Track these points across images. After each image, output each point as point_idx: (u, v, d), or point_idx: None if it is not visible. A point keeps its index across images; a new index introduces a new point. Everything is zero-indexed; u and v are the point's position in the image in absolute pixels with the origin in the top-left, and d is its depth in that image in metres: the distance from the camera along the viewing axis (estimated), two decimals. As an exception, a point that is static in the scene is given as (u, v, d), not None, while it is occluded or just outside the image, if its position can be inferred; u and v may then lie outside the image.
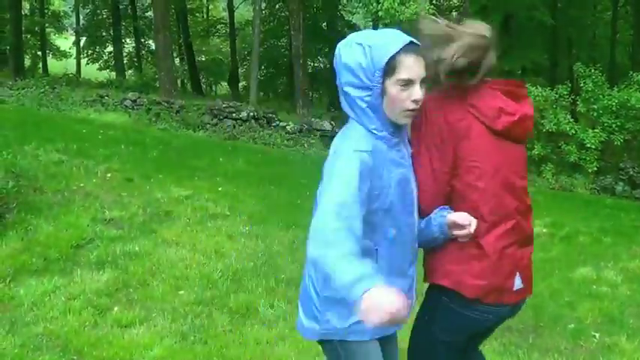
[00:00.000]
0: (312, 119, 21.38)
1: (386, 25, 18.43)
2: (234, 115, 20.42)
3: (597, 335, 6.46)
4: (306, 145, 19.24)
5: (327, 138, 19.87)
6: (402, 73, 2.81)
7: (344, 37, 3.03)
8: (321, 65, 35.70)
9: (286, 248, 8.08)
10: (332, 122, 21.05)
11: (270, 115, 21.13)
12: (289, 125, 20.68)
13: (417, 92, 2.85)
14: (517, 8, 26.80)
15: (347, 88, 2.89)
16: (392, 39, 2.83)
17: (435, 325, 3.23)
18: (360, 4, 20.60)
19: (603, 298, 7.60)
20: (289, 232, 8.75)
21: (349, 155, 2.76)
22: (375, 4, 17.03)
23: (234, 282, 6.83)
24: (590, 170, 16.73)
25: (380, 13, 16.87)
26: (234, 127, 20.05)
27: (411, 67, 2.83)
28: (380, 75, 2.80)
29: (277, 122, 20.82)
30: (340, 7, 35.79)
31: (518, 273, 3.23)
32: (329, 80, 33.71)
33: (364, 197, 2.70)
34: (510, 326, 6.49)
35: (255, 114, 20.67)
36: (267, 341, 5.49)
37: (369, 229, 2.76)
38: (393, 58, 2.79)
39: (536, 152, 17.01)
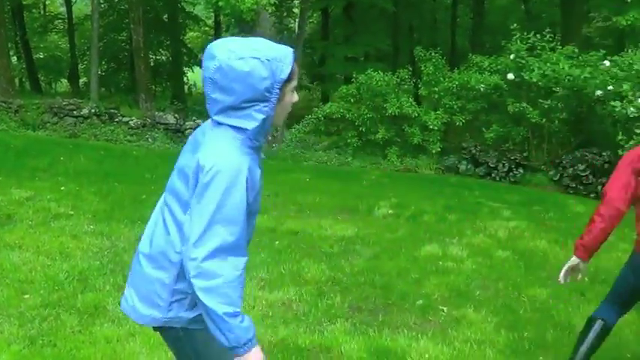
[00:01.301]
0: (156, 113, 20.99)
1: (226, 16, 18.40)
2: (74, 112, 19.93)
3: (445, 309, 6.67)
4: (150, 139, 18.91)
5: (172, 132, 19.76)
6: (294, 81, 3.09)
7: (185, 29, 3.07)
8: (163, 58, 35.26)
9: (132, 244, 7.88)
10: (176, 115, 20.78)
11: (113, 110, 20.68)
12: (132, 120, 20.21)
13: (296, 96, 3.19)
14: (358, -5, 27.16)
15: (245, 104, 2.99)
16: (283, 51, 3.04)
17: None
18: (201, -5, 20.44)
19: (449, 273, 7.87)
20: (135, 228, 8.67)
21: (234, 181, 2.93)
22: (215, -5, 16.90)
23: (81, 282, 6.71)
24: (433, 151, 17.08)
25: (220, 4, 16.72)
26: (76, 124, 19.59)
27: (297, 73, 3.12)
28: (280, 86, 2.99)
29: (120, 117, 20.34)
30: (181, -2, 35.48)
31: None
32: (171, 74, 33.52)
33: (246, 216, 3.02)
34: (360, 306, 6.64)
35: (97, 110, 20.20)
36: (117, 339, 5.42)
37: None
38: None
39: (380, 136, 17.27)
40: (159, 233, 3.17)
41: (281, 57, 3.00)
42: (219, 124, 3.06)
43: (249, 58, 2.95)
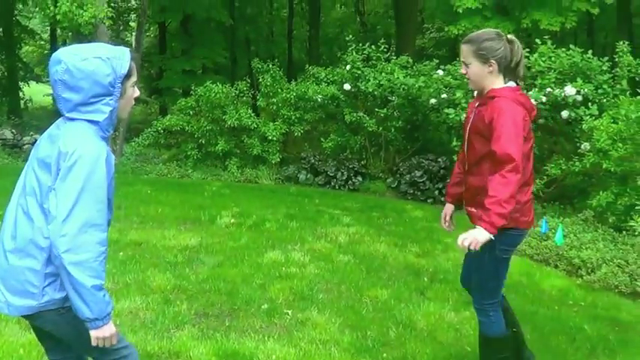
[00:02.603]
0: (-6, 128, 20.60)
1: (64, 29, 18.07)
2: None
3: (290, 312, 6.80)
4: (-13, 154, 18.44)
5: (9, 147, 19.32)
6: (133, 77, 3.53)
7: (20, 43, 3.27)
8: (-1, 73, 34.25)
9: None
10: (13, 130, 20.35)
11: (-53, 126, 20.06)
12: (-32, 136, 19.74)
13: (137, 91, 3.63)
14: (195, 9, 27.08)
15: (93, 99, 3.36)
16: (120, 50, 3.46)
17: (499, 246, 4.65)
18: (37, 9, 19.95)
19: (293, 277, 8.00)
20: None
21: (95, 163, 3.26)
22: (52, 8, 16.53)
23: None
24: (273, 162, 17.14)
25: (58, 17, 16.40)
26: None
27: (136, 70, 3.58)
28: (121, 81, 3.41)
29: (-45, 133, 19.82)
30: (16, 12, 34.47)
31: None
32: (7, 88, 32.51)
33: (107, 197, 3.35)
34: (207, 312, 6.71)
35: None
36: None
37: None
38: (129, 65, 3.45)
39: (220, 148, 17.27)
40: (22, 225, 3.38)
41: (119, 55, 3.42)
42: (72, 119, 3.34)
43: (92, 58, 3.33)
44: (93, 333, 3.30)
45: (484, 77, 4.71)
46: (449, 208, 5.39)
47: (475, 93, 5.03)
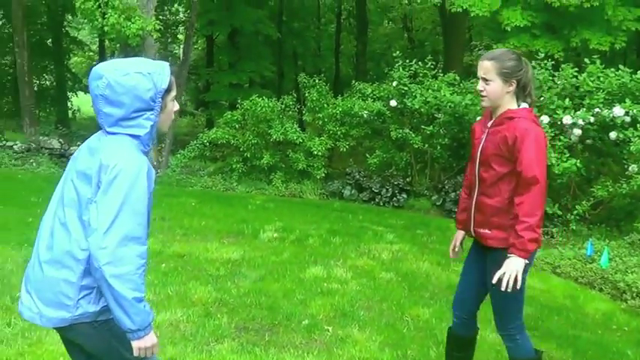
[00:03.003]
0: (40, 138, 20.84)
1: (112, 41, 18.26)
2: (-43, 137, 19.55)
3: (330, 329, 6.77)
4: (34, 163, 18.63)
5: (56, 157, 19.57)
6: (174, 91, 3.57)
7: (69, 53, 3.29)
8: (47, 83, 34.66)
9: (20, 266, 8.00)
10: (60, 140, 20.67)
11: (-4, 135, 20.39)
12: (16, 145, 20.10)
13: (177, 105, 3.65)
14: (243, 22, 27.24)
15: (135, 114, 3.38)
16: (160, 65, 3.48)
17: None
18: (86, 20, 20.16)
19: (334, 294, 7.95)
20: (22, 250, 8.71)
21: (137, 177, 3.28)
22: (100, 20, 16.71)
23: (-32, 303, 6.60)
24: (318, 176, 17.15)
25: (106, 29, 16.59)
26: (-42, 148, 19.20)
27: (175, 85, 3.59)
28: (162, 95, 3.43)
29: (4, 142, 20.15)
30: (66, 23, 34.96)
31: None
32: (56, 98, 32.98)
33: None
34: (247, 326, 6.70)
35: (-20, 135, 19.89)
36: (6, 359, 5.42)
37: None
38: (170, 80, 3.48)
39: (265, 161, 17.29)
40: (59, 236, 3.38)
41: (160, 70, 3.45)
42: (114, 133, 3.37)
43: (133, 73, 3.36)
44: (135, 343, 3.31)
45: (502, 96, 4.66)
46: (460, 235, 5.32)
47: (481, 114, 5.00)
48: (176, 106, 3.65)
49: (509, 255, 4.46)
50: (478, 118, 5.07)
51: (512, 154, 4.53)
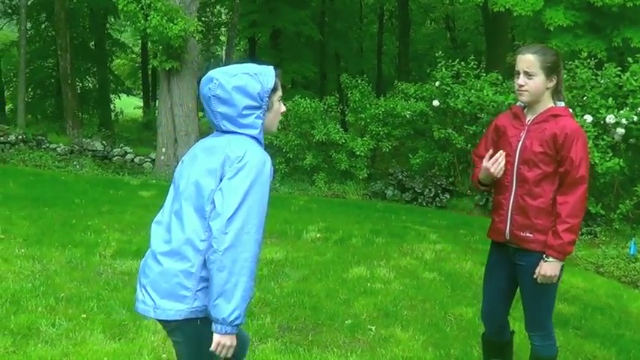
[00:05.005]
0: (83, 140, 21.06)
1: (154, 43, 18.38)
2: (1, 138, 19.77)
3: (373, 328, 6.76)
4: (78, 165, 18.78)
5: (99, 158, 19.77)
6: (280, 91, 3.72)
7: (112, 56, 3.36)
8: (90, 85, 34.98)
9: (64, 267, 8.10)
10: (103, 142, 20.88)
11: (40, 137, 20.65)
12: (60, 147, 20.24)
13: (284, 106, 3.81)
14: (285, 23, 27.30)
15: (246, 111, 3.55)
16: (266, 67, 3.64)
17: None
18: (128, 22, 20.34)
19: (377, 294, 7.95)
20: (66, 252, 8.77)
21: (262, 167, 3.46)
22: (143, 22, 16.85)
23: (13, 304, 6.73)
24: (360, 177, 17.17)
25: (148, 31, 16.73)
26: (3, 150, 19.41)
27: (281, 86, 3.73)
28: (268, 94, 3.58)
29: (47, 144, 20.34)
30: (108, 25, 35.26)
31: None
32: (98, 101, 33.29)
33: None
34: (290, 326, 6.71)
35: (24, 136, 20.20)
36: (51, 359, 5.46)
37: None
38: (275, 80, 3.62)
39: (308, 162, 17.34)
40: (176, 229, 3.51)
41: (266, 71, 3.61)
42: (233, 133, 3.60)
43: (241, 74, 3.56)
44: (216, 337, 3.35)
45: (543, 92, 4.54)
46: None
47: (510, 108, 4.89)
48: (282, 107, 3.79)
49: (546, 257, 4.43)
50: (501, 115, 4.93)
51: (558, 153, 4.45)
